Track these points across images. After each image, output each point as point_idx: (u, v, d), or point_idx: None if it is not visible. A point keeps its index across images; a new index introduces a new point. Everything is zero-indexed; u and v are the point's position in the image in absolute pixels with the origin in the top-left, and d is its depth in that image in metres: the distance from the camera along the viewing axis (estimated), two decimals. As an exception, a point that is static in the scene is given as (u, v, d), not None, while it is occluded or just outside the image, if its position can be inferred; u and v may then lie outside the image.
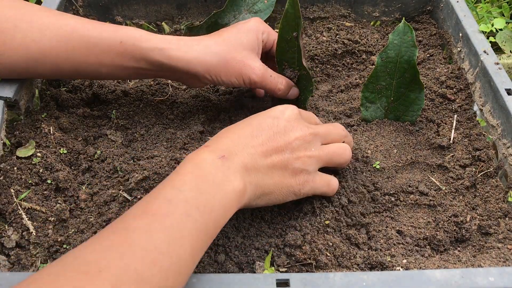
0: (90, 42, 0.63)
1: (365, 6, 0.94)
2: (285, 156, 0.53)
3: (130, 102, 0.76)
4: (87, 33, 0.63)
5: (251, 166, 0.51)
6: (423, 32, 0.92)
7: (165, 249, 0.42)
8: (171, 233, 0.43)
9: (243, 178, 0.50)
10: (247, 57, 0.66)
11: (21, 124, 0.68)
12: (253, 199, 0.52)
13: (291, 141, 0.54)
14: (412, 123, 0.72)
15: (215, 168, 0.49)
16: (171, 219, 0.44)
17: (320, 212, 0.59)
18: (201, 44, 0.65)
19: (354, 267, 0.55)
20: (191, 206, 0.45)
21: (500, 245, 0.58)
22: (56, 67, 0.64)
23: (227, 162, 0.50)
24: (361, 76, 0.84)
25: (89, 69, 0.65)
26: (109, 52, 0.63)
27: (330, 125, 0.61)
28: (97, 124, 0.72)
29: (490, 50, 0.75)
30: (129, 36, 0.63)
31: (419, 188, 0.65)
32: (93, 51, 0.63)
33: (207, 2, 0.92)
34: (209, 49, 0.65)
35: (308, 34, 0.92)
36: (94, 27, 0.64)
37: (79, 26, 0.63)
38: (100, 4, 0.91)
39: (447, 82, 0.79)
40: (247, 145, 0.52)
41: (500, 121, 0.67)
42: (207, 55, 0.65)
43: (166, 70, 0.65)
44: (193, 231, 0.44)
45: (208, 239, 0.46)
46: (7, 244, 0.55)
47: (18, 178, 0.61)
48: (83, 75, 0.68)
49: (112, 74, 0.66)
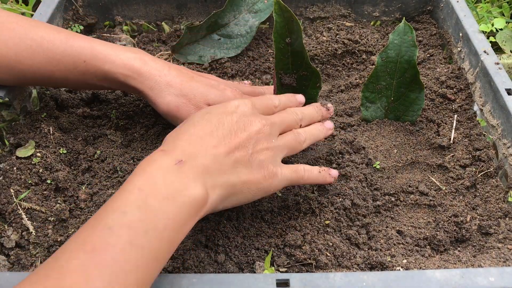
0: (55, 59, 0.62)
1: (365, 6, 0.94)
2: (248, 151, 0.51)
3: (130, 102, 0.76)
4: (52, 48, 0.62)
5: (214, 168, 0.48)
6: (423, 32, 0.92)
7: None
8: (112, 271, 0.38)
9: (204, 183, 0.46)
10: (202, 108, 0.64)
11: (21, 124, 0.68)
12: (219, 202, 0.49)
13: (252, 135, 0.52)
14: (412, 123, 0.72)
15: (170, 177, 0.45)
16: (111, 253, 0.39)
17: (320, 212, 0.59)
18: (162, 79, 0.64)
19: (354, 267, 0.55)
20: (136, 232, 0.40)
21: (500, 245, 0.58)
22: (22, 76, 0.63)
23: (184, 168, 0.46)
24: (361, 76, 0.84)
25: (56, 82, 0.65)
26: (73, 70, 0.63)
27: (283, 112, 0.58)
28: (97, 124, 0.72)
29: (490, 50, 0.75)
30: (93, 56, 0.63)
31: (419, 188, 0.65)
32: (58, 67, 0.63)
33: (207, 2, 0.92)
34: (168, 88, 0.63)
35: (308, 34, 0.92)
36: (61, 42, 0.63)
37: (46, 40, 0.62)
38: (100, 4, 0.91)
39: (447, 82, 0.79)
40: (208, 145, 0.49)
41: (500, 121, 0.67)
42: (163, 92, 0.63)
43: (129, 90, 0.67)
44: (139, 262, 0.40)
45: (160, 264, 0.42)
46: (7, 244, 0.55)
47: (18, 178, 0.61)
48: (51, 86, 0.69)
49: (79, 87, 0.67)
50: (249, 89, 0.71)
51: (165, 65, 0.65)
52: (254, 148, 0.51)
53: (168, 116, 0.65)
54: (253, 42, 0.89)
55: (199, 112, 0.54)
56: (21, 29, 0.62)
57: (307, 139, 0.58)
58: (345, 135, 0.69)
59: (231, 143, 0.50)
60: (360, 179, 0.64)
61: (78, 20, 0.90)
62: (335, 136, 0.70)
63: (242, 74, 0.84)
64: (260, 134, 0.52)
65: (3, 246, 0.55)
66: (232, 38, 0.87)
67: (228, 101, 0.55)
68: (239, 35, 0.87)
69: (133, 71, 0.63)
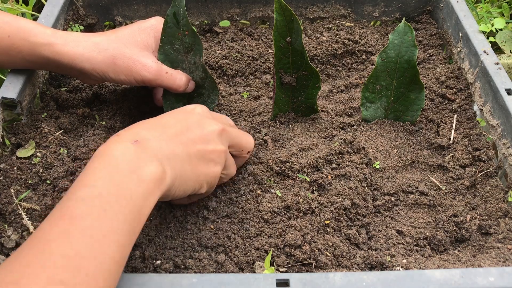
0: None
1: (365, 6, 0.94)
2: (201, 147, 0.53)
3: (130, 102, 0.76)
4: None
5: (170, 152, 0.50)
6: (423, 32, 0.92)
7: (88, 253, 0.40)
8: (91, 233, 0.41)
9: (161, 162, 0.48)
10: (138, 54, 0.66)
11: (21, 124, 0.68)
12: (174, 185, 0.50)
13: (206, 133, 0.54)
14: (412, 123, 0.72)
15: (129, 154, 0.47)
16: (89, 219, 0.41)
17: (320, 212, 0.59)
18: (89, 41, 0.65)
19: (354, 267, 0.55)
20: (108, 201, 0.43)
21: (500, 245, 0.58)
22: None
23: (141, 146, 0.48)
24: (361, 76, 0.84)
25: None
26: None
27: (241, 131, 0.62)
28: (97, 124, 0.72)
29: (490, 50, 0.75)
30: (19, 30, 0.64)
31: (419, 188, 0.65)
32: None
33: (207, 2, 0.92)
34: (97, 46, 0.65)
35: (308, 34, 0.92)
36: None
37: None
38: (100, 4, 0.91)
39: (447, 82, 0.79)
40: (162, 134, 0.51)
41: (500, 121, 0.67)
42: (94, 52, 0.64)
43: (53, 65, 0.66)
44: (115, 225, 0.42)
45: (134, 230, 0.44)
46: (7, 244, 0.55)
47: (18, 178, 0.61)
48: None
49: (4, 65, 0.67)
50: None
51: (91, 34, 0.67)
52: (206, 146, 0.53)
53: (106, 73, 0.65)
54: (253, 42, 0.90)
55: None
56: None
57: (234, 170, 0.60)
58: (345, 135, 0.69)
59: (184, 136, 0.52)
60: (360, 179, 0.64)
61: (78, 20, 0.90)
62: (335, 136, 0.70)
63: (242, 74, 0.84)
64: (213, 135, 0.54)
65: (3, 246, 0.55)
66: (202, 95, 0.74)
67: (185, 106, 0.58)
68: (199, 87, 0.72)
69: (60, 38, 0.64)
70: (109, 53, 0.64)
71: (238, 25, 0.94)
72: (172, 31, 0.67)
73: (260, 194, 0.62)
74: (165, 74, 0.66)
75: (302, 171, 0.65)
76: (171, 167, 0.49)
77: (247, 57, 0.86)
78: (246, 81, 0.84)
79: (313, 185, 0.63)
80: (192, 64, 0.69)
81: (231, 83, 0.83)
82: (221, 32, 0.93)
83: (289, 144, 0.69)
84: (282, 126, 0.72)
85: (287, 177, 0.64)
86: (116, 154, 0.46)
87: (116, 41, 0.66)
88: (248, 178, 0.63)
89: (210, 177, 0.54)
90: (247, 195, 0.61)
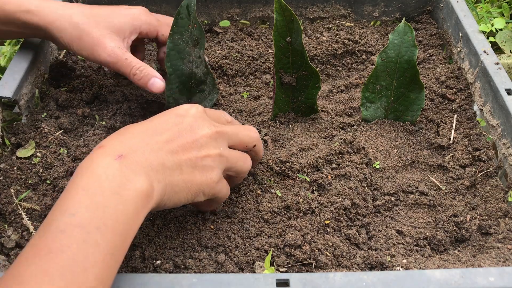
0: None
1: (365, 6, 0.94)
2: (192, 154, 0.50)
3: (131, 103, 0.76)
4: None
5: (158, 163, 0.47)
6: (423, 32, 0.92)
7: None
8: (71, 270, 0.39)
9: (148, 177, 0.46)
10: (106, 36, 0.66)
11: (21, 124, 0.68)
12: (163, 198, 0.48)
13: (198, 138, 0.51)
14: (412, 123, 0.72)
15: (112, 172, 0.44)
16: (68, 253, 0.39)
17: (320, 212, 0.59)
18: (66, 11, 0.66)
19: (354, 267, 0.55)
20: (88, 231, 0.41)
21: (500, 245, 0.58)
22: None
23: (126, 161, 0.46)
24: (361, 76, 0.84)
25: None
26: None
27: (240, 126, 0.58)
28: (97, 124, 0.72)
29: (490, 50, 0.75)
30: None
31: (419, 188, 0.65)
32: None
33: (207, 2, 0.92)
34: (70, 17, 0.66)
35: (308, 34, 0.92)
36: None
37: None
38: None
39: (447, 82, 0.79)
40: (150, 142, 0.48)
41: (500, 121, 0.67)
42: (65, 23, 0.66)
43: (32, 29, 0.67)
44: (97, 258, 0.40)
45: (117, 258, 0.43)
46: (7, 244, 0.55)
47: (18, 178, 0.61)
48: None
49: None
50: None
51: (70, 4, 0.68)
52: (199, 152, 0.51)
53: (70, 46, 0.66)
54: (253, 42, 0.90)
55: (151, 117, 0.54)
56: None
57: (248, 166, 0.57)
58: (345, 135, 0.69)
59: (175, 143, 0.50)
60: (360, 179, 0.64)
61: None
62: (335, 136, 0.70)
63: (242, 74, 0.84)
64: (207, 138, 0.52)
65: (3, 246, 0.55)
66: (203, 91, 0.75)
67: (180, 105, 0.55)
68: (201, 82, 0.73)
69: (34, 5, 0.65)
70: (78, 28, 0.66)
71: (238, 25, 0.94)
72: (184, 22, 0.67)
73: (260, 194, 0.62)
74: (124, 60, 0.66)
75: (302, 171, 0.65)
76: (159, 180, 0.47)
77: (247, 57, 0.86)
78: (246, 81, 0.84)
79: (313, 185, 0.63)
80: (197, 58, 0.69)
81: (231, 83, 0.83)
82: (221, 32, 0.93)
83: (289, 144, 0.69)
84: (282, 126, 0.72)
85: (287, 177, 0.64)
86: (99, 172, 0.44)
87: (90, 17, 0.67)
88: (248, 178, 0.63)
89: (205, 185, 0.51)
90: (247, 195, 0.61)
